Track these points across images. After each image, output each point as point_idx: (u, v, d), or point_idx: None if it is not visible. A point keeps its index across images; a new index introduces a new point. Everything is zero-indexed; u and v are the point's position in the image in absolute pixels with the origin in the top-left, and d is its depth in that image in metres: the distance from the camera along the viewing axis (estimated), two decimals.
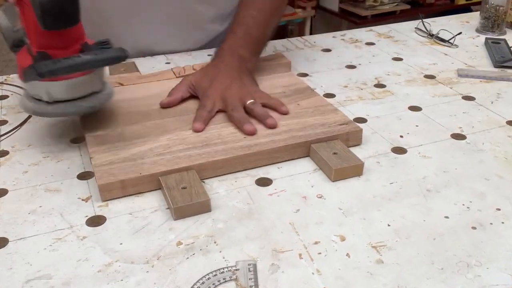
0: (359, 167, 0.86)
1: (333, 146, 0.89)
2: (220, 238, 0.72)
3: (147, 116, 0.97)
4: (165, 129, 0.93)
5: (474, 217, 0.76)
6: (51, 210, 0.78)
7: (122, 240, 0.72)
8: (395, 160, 0.90)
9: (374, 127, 0.99)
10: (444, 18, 1.67)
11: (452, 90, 1.15)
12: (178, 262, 0.68)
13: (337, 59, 1.33)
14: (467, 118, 1.03)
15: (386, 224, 0.75)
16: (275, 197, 0.81)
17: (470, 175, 0.86)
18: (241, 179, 0.85)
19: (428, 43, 1.44)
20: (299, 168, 0.88)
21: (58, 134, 0.98)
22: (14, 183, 0.84)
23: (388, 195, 0.81)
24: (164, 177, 0.81)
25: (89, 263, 0.68)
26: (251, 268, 0.67)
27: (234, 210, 0.78)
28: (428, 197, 0.80)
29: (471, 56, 1.35)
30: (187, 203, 0.76)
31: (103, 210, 0.78)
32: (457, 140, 0.95)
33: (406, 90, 1.15)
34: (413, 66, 1.28)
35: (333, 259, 0.68)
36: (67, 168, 0.88)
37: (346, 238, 0.72)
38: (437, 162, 0.89)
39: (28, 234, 0.73)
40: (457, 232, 0.73)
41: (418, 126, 1.00)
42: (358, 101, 1.10)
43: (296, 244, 0.71)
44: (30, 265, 0.68)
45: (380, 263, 0.68)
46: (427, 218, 0.76)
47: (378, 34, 1.52)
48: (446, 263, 0.67)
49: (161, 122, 0.95)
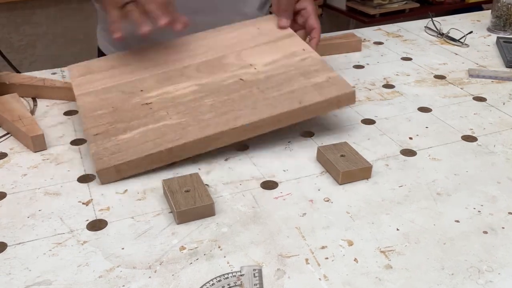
0: (367, 169, 0.86)
1: (341, 148, 0.89)
2: (224, 243, 0.72)
3: None
4: None
5: (485, 221, 0.76)
6: (51, 214, 0.78)
7: (124, 245, 0.72)
8: (404, 162, 0.90)
9: (382, 129, 0.99)
10: (455, 16, 1.67)
11: (462, 91, 1.15)
12: (181, 268, 0.68)
13: (345, 59, 1.33)
14: (478, 119, 1.03)
15: (395, 228, 0.75)
16: (281, 200, 0.81)
17: (481, 178, 0.86)
18: (246, 182, 0.85)
19: (438, 43, 1.44)
20: (305, 171, 0.88)
21: (58, 136, 0.98)
22: (13, 186, 0.84)
23: (397, 198, 0.81)
24: (167, 181, 0.81)
25: (90, 269, 0.68)
26: (256, 273, 0.67)
27: (238, 214, 0.78)
28: (438, 200, 0.80)
29: (482, 56, 1.35)
30: (191, 206, 0.76)
31: (104, 214, 0.78)
32: (468, 142, 0.95)
33: (416, 91, 1.15)
34: (423, 66, 1.28)
35: (340, 264, 0.68)
36: (67, 171, 0.88)
37: (354, 243, 0.72)
38: (448, 164, 0.89)
39: (27, 238, 0.73)
40: (468, 236, 0.73)
41: (428, 128, 1.00)
42: (366, 102, 1.10)
43: (303, 249, 0.71)
44: (29, 271, 0.68)
45: (388, 268, 0.68)
46: (437, 222, 0.76)
47: (386, 33, 1.52)
48: (456, 268, 0.67)
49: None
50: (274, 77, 0.99)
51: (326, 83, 0.96)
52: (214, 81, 0.99)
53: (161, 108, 0.94)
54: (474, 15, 1.69)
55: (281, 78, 0.98)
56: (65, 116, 1.05)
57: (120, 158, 0.84)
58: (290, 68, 1.01)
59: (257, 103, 0.92)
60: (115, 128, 0.90)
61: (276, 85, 0.96)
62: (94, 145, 0.87)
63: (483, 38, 1.48)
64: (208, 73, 1.02)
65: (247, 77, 0.99)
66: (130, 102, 0.96)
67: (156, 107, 0.94)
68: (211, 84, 0.98)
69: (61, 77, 1.23)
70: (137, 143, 0.87)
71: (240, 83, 0.98)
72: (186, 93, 0.97)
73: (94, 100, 0.97)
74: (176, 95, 0.96)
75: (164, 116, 0.92)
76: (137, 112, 0.93)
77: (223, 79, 0.99)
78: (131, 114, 0.93)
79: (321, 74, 0.98)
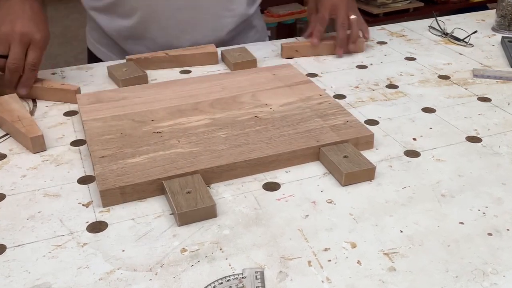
0: (371, 171, 0.86)
1: (344, 149, 0.89)
2: (226, 245, 0.72)
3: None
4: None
5: (490, 223, 0.76)
6: (51, 215, 0.78)
7: (124, 247, 0.72)
8: (408, 164, 0.90)
9: (386, 130, 0.99)
10: (459, 16, 1.67)
11: (467, 91, 1.15)
12: (183, 270, 0.68)
13: (348, 59, 1.33)
14: (483, 120, 1.03)
15: (399, 230, 0.75)
16: (283, 202, 0.81)
17: (486, 180, 0.86)
18: (248, 184, 0.85)
19: (442, 42, 1.44)
20: (308, 172, 0.88)
21: (57, 137, 0.98)
22: (12, 187, 0.85)
23: (401, 200, 0.81)
24: (168, 182, 0.81)
25: (90, 271, 0.68)
26: (258, 276, 0.67)
27: (240, 215, 0.78)
28: (443, 202, 0.80)
29: (487, 56, 1.35)
30: (192, 208, 0.76)
31: (104, 215, 0.78)
32: (472, 143, 0.95)
33: (420, 91, 1.15)
34: (427, 66, 1.28)
35: (343, 267, 0.68)
36: (67, 172, 0.88)
37: (357, 245, 0.72)
38: (452, 166, 0.89)
39: (27, 240, 0.73)
40: (473, 238, 0.73)
41: (432, 129, 1.00)
42: (369, 103, 1.10)
43: (305, 251, 0.71)
44: (29, 273, 0.68)
45: (392, 271, 0.68)
46: (442, 224, 0.76)
47: (390, 32, 1.52)
48: (461, 271, 0.67)
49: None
50: (290, 117, 0.98)
51: (344, 126, 0.95)
52: (228, 116, 0.99)
53: (172, 137, 0.92)
54: (478, 15, 1.69)
55: (297, 118, 0.98)
56: (65, 116, 1.05)
57: (126, 180, 0.81)
58: (306, 110, 1.00)
59: (272, 139, 0.91)
60: (122, 153, 0.88)
61: (292, 124, 0.96)
62: (100, 166, 0.84)
63: (488, 38, 1.48)
64: (222, 109, 1.01)
65: (262, 115, 0.99)
66: (140, 129, 0.95)
67: (167, 136, 0.92)
68: (225, 119, 0.98)
69: (60, 77, 1.23)
70: (145, 168, 0.84)
71: (255, 120, 0.97)
72: (198, 125, 0.96)
73: (102, 126, 0.96)
74: (188, 126, 0.95)
75: (175, 144, 0.90)
76: (146, 139, 0.92)
77: (237, 115, 0.99)
78: (140, 140, 0.91)
79: (339, 117, 0.98)
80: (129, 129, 0.95)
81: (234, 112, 1.00)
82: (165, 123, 0.96)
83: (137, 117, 0.98)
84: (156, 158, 0.86)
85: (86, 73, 1.25)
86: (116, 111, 1.00)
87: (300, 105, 1.02)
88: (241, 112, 1.00)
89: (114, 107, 1.02)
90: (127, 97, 1.06)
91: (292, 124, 0.95)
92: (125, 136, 0.92)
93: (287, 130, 0.94)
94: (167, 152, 0.88)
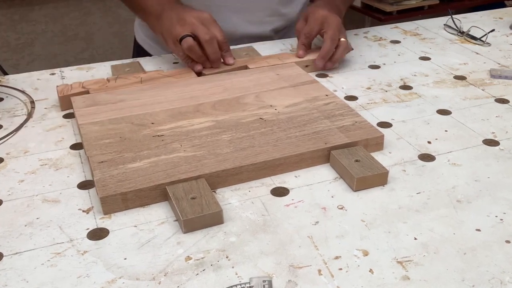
0: (384, 175, 0.86)
1: (355, 153, 0.89)
2: (232, 253, 0.72)
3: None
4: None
5: (508, 230, 0.76)
6: (49, 222, 0.78)
7: (127, 255, 0.72)
8: (423, 168, 0.90)
9: (399, 132, 0.99)
10: (476, 13, 1.67)
11: (484, 92, 1.15)
12: (187, 279, 0.68)
13: (360, 59, 1.33)
14: (501, 122, 1.03)
15: (413, 237, 0.75)
16: (292, 208, 0.81)
17: (504, 185, 0.85)
18: (255, 189, 0.85)
19: (458, 41, 1.44)
20: (318, 177, 0.88)
21: (57, 140, 0.98)
22: (9, 193, 0.85)
23: (415, 206, 0.81)
24: (172, 187, 0.81)
25: (90, 280, 0.68)
26: (266, 285, 0.67)
27: (247, 222, 0.78)
28: (458, 208, 0.80)
29: (504, 55, 1.35)
30: (198, 214, 0.76)
31: (105, 222, 0.78)
32: (489, 147, 0.95)
33: (435, 92, 1.15)
34: (442, 66, 1.28)
35: (355, 276, 0.68)
36: (66, 177, 0.88)
37: (369, 253, 0.72)
38: (468, 170, 0.89)
39: (24, 248, 0.74)
40: (490, 246, 0.73)
41: (447, 131, 1.00)
42: (382, 104, 1.10)
43: (315, 259, 0.71)
44: (27, 282, 0.68)
45: (406, 280, 0.67)
46: (457, 231, 0.76)
47: (404, 31, 1.52)
48: (477, 280, 0.67)
49: None
50: (296, 118, 0.98)
51: (353, 127, 0.95)
52: (232, 118, 0.99)
53: (174, 140, 0.92)
54: (496, 12, 1.69)
55: (304, 120, 0.98)
56: (64, 119, 1.06)
57: (127, 186, 0.81)
58: (312, 111, 1.01)
59: (279, 141, 0.91)
60: (122, 157, 0.88)
61: (299, 125, 0.96)
62: (99, 172, 0.84)
63: (506, 37, 1.48)
64: (225, 111, 1.01)
65: (267, 116, 0.99)
66: (140, 133, 0.95)
67: (169, 140, 0.92)
68: (229, 121, 0.98)
69: (60, 77, 1.23)
70: (147, 173, 0.84)
71: (260, 122, 0.97)
72: (201, 128, 0.96)
73: (100, 129, 0.96)
74: (190, 129, 0.95)
75: (178, 148, 0.90)
76: (147, 142, 0.92)
77: (241, 117, 0.99)
78: (141, 144, 0.91)
79: (347, 118, 0.98)
80: (129, 132, 0.95)
81: (237, 113, 1.00)
82: (166, 126, 0.96)
83: (137, 120, 0.98)
84: (158, 162, 0.86)
85: (86, 73, 1.26)
86: (114, 114, 1.01)
87: (306, 106, 1.03)
88: (245, 114, 1.00)
89: (111, 110, 1.02)
90: (125, 99, 1.06)
91: (299, 126, 0.96)
92: (124, 140, 0.92)
93: (294, 132, 0.94)
94: (169, 156, 0.88)
